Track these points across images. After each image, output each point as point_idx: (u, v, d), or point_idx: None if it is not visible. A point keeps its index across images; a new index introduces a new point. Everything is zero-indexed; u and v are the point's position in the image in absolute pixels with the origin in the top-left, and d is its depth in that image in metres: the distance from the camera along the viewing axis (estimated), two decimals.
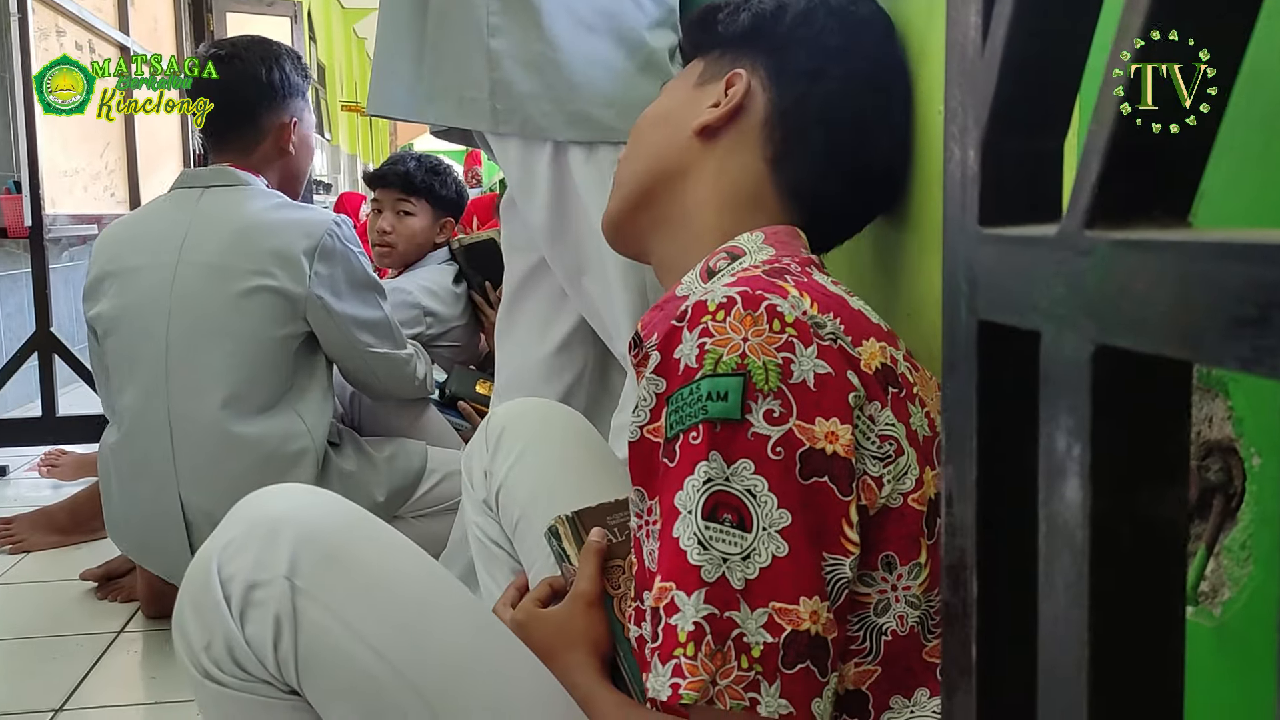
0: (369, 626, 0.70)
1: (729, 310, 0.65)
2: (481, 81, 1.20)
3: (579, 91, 1.18)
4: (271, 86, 1.83)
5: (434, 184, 2.57)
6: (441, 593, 0.76)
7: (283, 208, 1.80)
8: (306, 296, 1.70)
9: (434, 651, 0.72)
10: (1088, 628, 0.34)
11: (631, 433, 0.71)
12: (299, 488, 0.76)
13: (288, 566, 0.69)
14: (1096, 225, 0.33)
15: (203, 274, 1.70)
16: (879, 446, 0.65)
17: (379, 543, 0.75)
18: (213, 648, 0.69)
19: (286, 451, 1.71)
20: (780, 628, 0.59)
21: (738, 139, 0.87)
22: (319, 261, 1.72)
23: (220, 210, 1.76)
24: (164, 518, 1.71)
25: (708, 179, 0.88)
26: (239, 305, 1.68)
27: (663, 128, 0.92)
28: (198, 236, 1.73)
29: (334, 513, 0.74)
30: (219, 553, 0.71)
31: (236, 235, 1.72)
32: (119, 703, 1.60)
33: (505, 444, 1.03)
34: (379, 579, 0.73)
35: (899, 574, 0.66)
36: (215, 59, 1.84)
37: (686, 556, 0.61)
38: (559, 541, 0.93)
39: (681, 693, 0.58)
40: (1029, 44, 0.38)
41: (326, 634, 0.69)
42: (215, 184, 1.80)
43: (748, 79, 0.87)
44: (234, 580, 0.69)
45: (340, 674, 0.68)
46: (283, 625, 0.68)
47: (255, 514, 0.72)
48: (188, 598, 0.71)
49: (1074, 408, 0.34)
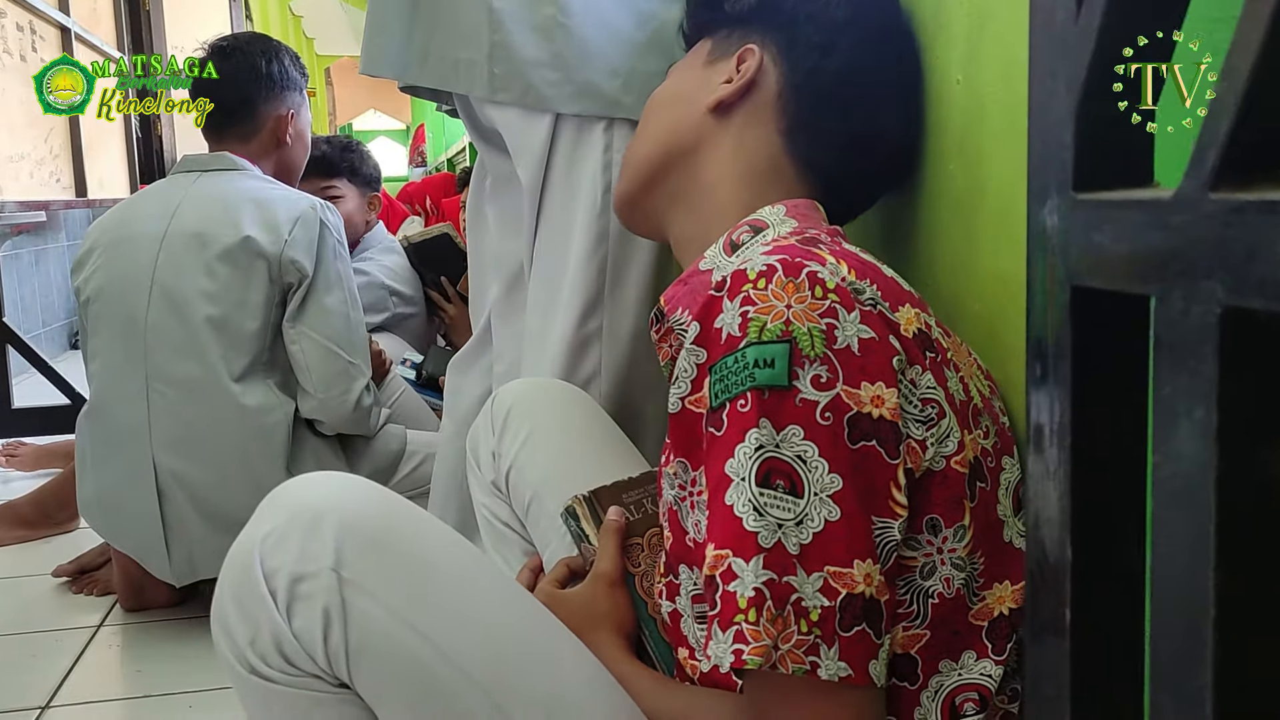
0: (418, 614, 0.69)
1: (770, 278, 0.65)
2: (480, 43, 1.13)
3: (590, 62, 1.12)
4: (270, 78, 1.87)
5: (352, 162, 2.54)
6: (483, 575, 0.76)
7: (275, 187, 1.82)
8: (281, 258, 1.69)
9: (483, 635, 0.71)
10: (1213, 587, 0.34)
11: (672, 404, 0.70)
12: (333, 475, 0.75)
13: (333, 558, 0.68)
14: (1221, 187, 0.33)
15: (186, 242, 1.72)
16: (921, 410, 0.65)
17: (419, 528, 0.74)
18: (258, 642, 0.67)
19: (263, 424, 1.71)
20: (835, 591, 0.60)
21: (752, 113, 0.87)
22: (299, 228, 1.72)
23: (212, 188, 1.79)
24: (136, 482, 1.70)
25: (725, 154, 0.87)
26: (216, 269, 1.69)
27: (676, 106, 0.92)
28: (186, 211, 1.75)
29: (373, 500, 0.73)
30: (259, 545, 0.69)
31: (222, 207, 1.74)
32: (106, 698, 1.57)
33: (513, 424, 1.02)
34: (423, 565, 0.72)
35: (944, 536, 0.66)
36: (216, 52, 1.88)
37: (743, 523, 0.61)
38: (577, 522, 0.92)
39: (746, 658, 0.59)
40: (1128, 10, 0.39)
41: (376, 624, 0.67)
42: (212, 168, 1.83)
43: (760, 54, 0.87)
44: (279, 573, 0.68)
45: (392, 663, 0.67)
46: (332, 618, 0.67)
47: (294, 504, 0.71)
48: (228, 591, 0.70)
49: (1197, 370, 0.34)
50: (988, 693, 0.68)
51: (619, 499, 0.92)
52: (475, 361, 1.50)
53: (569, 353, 1.13)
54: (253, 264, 1.70)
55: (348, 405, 1.78)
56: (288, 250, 1.70)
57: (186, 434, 1.70)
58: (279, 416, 1.72)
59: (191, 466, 1.70)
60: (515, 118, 1.15)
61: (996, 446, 0.71)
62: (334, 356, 1.76)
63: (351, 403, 1.78)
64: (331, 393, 1.76)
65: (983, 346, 0.79)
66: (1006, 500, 0.70)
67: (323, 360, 1.75)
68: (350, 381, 1.77)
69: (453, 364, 1.53)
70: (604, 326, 1.13)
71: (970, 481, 0.67)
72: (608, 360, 1.13)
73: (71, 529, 2.32)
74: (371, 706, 0.69)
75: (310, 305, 1.74)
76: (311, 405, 1.76)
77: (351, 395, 1.78)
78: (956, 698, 0.68)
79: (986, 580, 0.69)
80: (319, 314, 1.75)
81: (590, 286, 1.13)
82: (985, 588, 0.69)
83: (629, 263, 1.13)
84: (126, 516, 1.74)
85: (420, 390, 2.24)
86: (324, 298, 1.75)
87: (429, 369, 2.28)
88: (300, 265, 1.71)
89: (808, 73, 0.86)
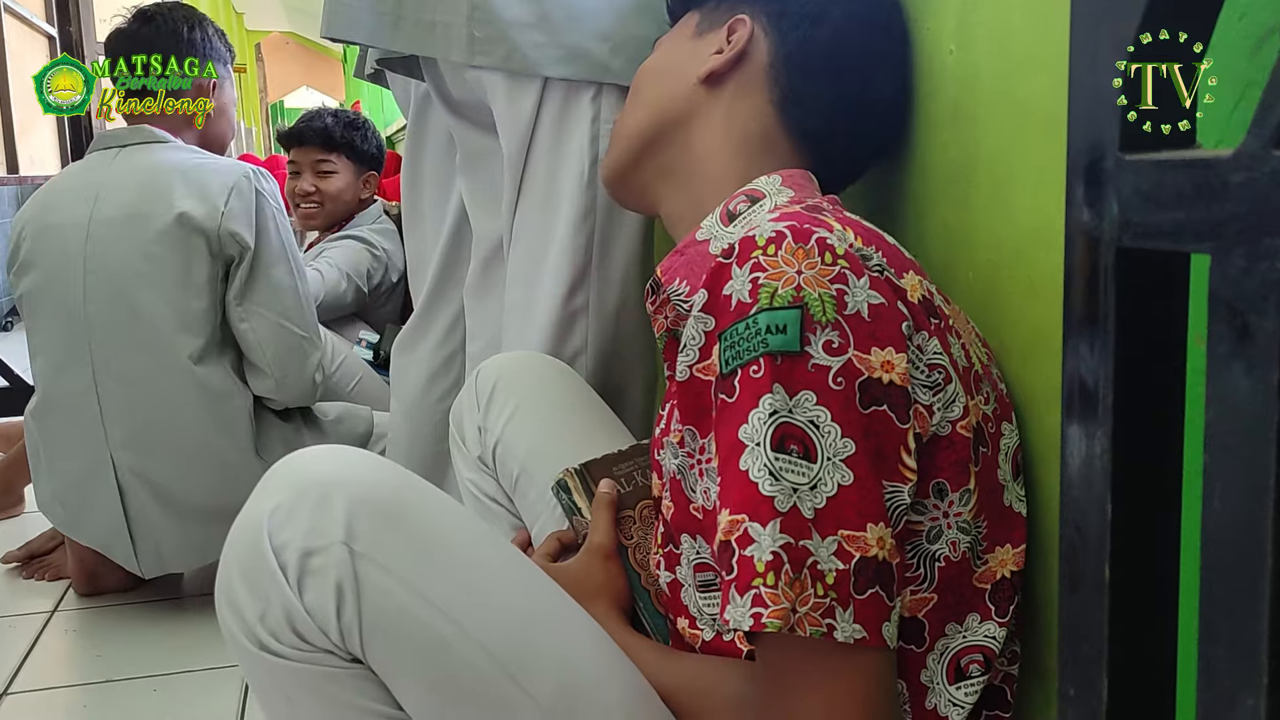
0: (432, 587, 0.68)
1: (779, 244, 0.65)
2: (458, 5, 1.08)
3: (577, 24, 1.07)
4: (193, 45, 1.79)
5: (354, 139, 2.49)
6: (494, 548, 0.75)
7: (202, 158, 1.74)
8: (219, 232, 1.62)
9: (498, 607, 0.70)
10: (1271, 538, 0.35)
11: (680, 372, 0.70)
12: (338, 449, 0.73)
13: (344, 531, 0.66)
14: None
15: (115, 227, 1.64)
16: (928, 375, 0.66)
17: (429, 500, 0.72)
18: (268, 618, 0.66)
19: (225, 411, 1.66)
20: (850, 554, 0.60)
21: (743, 84, 0.87)
22: (234, 198, 1.65)
23: (134, 165, 1.70)
24: (95, 481, 1.65)
25: (717, 125, 0.87)
26: (153, 252, 1.62)
27: (666, 77, 0.91)
28: (110, 192, 1.67)
29: (382, 473, 0.72)
30: (267, 519, 0.67)
31: (148, 183, 1.66)
32: (67, 683, 1.54)
33: (498, 399, 1.01)
34: (436, 538, 0.71)
35: (950, 501, 0.67)
36: (139, 16, 1.80)
37: (759, 488, 0.61)
38: (569, 495, 0.92)
39: (765, 621, 0.59)
40: None
41: (390, 598, 0.66)
42: (132, 142, 1.74)
43: (750, 24, 0.87)
44: (288, 548, 0.66)
45: (407, 637, 0.66)
46: (345, 592, 0.65)
47: (301, 478, 0.69)
48: (235, 567, 0.68)
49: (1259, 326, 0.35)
50: (992, 654, 0.69)
51: (610, 472, 0.92)
52: (419, 340, 1.46)
53: (555, 328, 1.11)
54: (190, 241, 1.62)
55: (305, 381, 1.73)
56: (225, 223, 1.63)
57: (144, 429, 1.64)
58: (240, 403, 1.68)
59: (152, 462, 1.65)
60: (500, 84, 1.11)
61: (996, 412, 0.71)
62: (287, 332, 1.70)
63: (309, 378, 1.73)
64: (288, 370, 1.70)
65: (977, 314, 0.80)
66: (1006, 465, 0.71)
67: (276, 337, 1.69)
68: (305, 357, 1.72)
69: (396, 344, 1.50)
70: (590, 302, 1.12)
71: (974, 446, 0.67)
72: (594, 336, 1.12)
73: (17, 514, 2.26)
74: (386, 681, 0.67)
75: (258, 281, 1.68)
76: (267, 385, 1.70)
77: (308, 371, 1.73)
78: (962, 659, 0.69)
79: (989, 544, 0.70)
80: (268, 290, 1.69)
81: (577, 260, 1.11)
82: (988, 551, 0.70)
83: (616, 236, 1.11)
84: (88, 514, 1.69)
85: (380, 370, 2.21)
86: (271, 271, 1.69)
87: (387, 349, 2.24)
88: (240, 238, 1.64)
89: (799, 42, 0.86)
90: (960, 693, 0.69)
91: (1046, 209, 0.72)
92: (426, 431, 1.42)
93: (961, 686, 0.69)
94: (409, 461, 1.39)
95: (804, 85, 0.86)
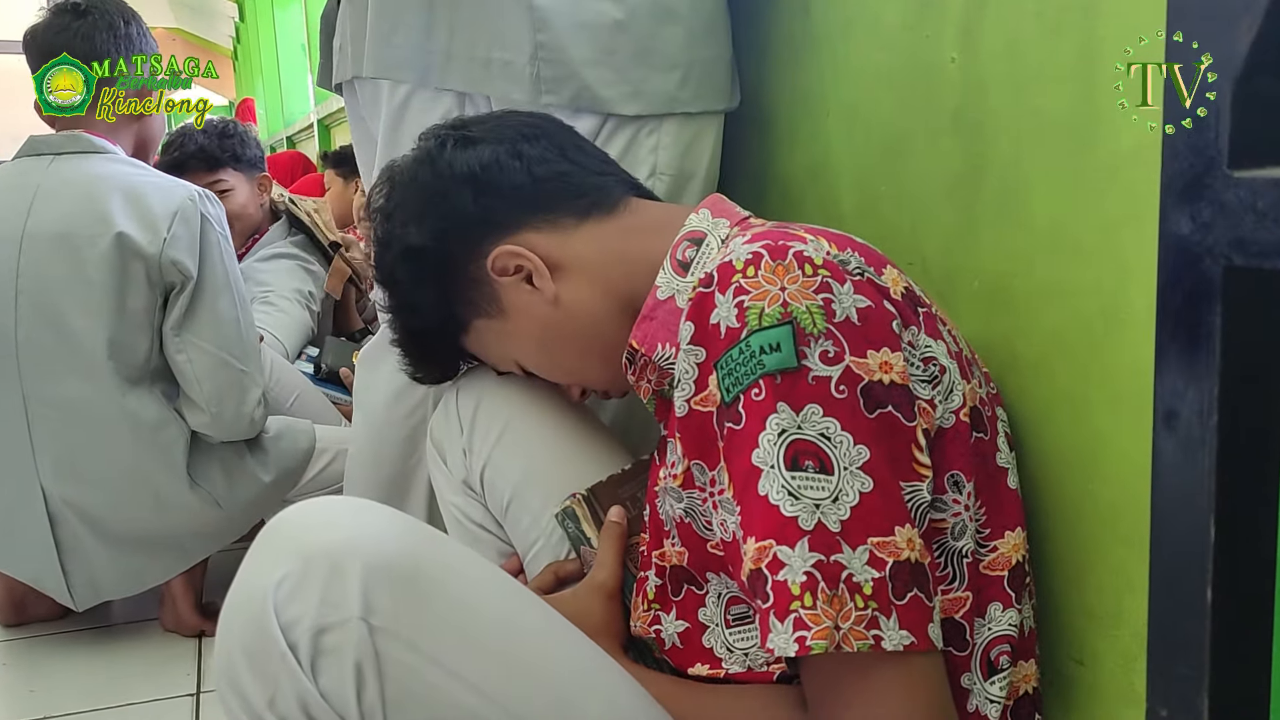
0: (460, 659, 0.63)
1: (758, 265, 0.64)
2: (521, 43, 1.02)
3: (648, 57, 1.03)
4: (129, 39, 1.69)
5: (233, 148, 2.34)
6: (527, 608, 0.71)
7: (144, 174, 1.64)
8: (160, 259, 1.53)
9: (537, 679, 0.66)
10: None
11: (679, 408, 0.69)
12: (344, 503, 0.67)
13: (360, 605, 0.61)
14: None
15: (50, 246, 1.54)
16: (924, 370, 0.66)
17: (449, 558, 0.68)
18: (278, 703, 0.60)
19: (158, 440, 1.57)
20: (883, 561, 0.60)
21: (553, 257, 0.85)
22: (178, 223, 1.55)
23: (70, 177, 1.59)
24: (25, 511, 1.56)
25: (589, 288, 0.85)
26: (90, 277, 1.52)
27: (537, 330, 0.87)
28: (44, 206, 1.56)
29: (396, 531, 0.66)
30: (273, 593, 0.61)
31: (85, 200, 1.56)
32: None
33: (483, 420, 0.97)
34: (460, 602, 0.66)
35: (967, 492, 0.67)
36: (72, 9, 1.68)
37: (780, 510, 0.60)
38: (577, 524, 0.88)
39: (810, 644, 0.57)
40: None
41: (416, 675, 0.62)
42: (68, 150, 1.63)
43: (492, 250, 0.85)
44: (298, 625, 0.61)
45: (437, 717, 0.62)
46: (365, 672, 0.61)
47: (307, 544, 0.63)
48: (238, 646, 0.62)
49: None
50: (1015, 641, 0.69)
51: (616, 495, 0.89)
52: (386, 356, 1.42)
53: None
54: (128, 266, 1.52)
55: (244, 419, 1.62)
56: (168, 250, 1.53)
57: (75, 457, 1.55)
58: (174, 431, 1.58)
59: (84, 491, 1.56)
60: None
61: (991, 395, 0.72)
62: (226, 367, 1.59)
63: (248, 415, 1.63)
64: (225, 406, 1.60)
65: (983, 320, 0.80)
66: (1005, 447, 0.72)
67: (214, 372, 1.59)
68: (244, 393, 1.62)
69: (361, 359, 1.45)
70: None
71: (971, 431, 0.68)
72: None
73: None
74: None
75: (199, 312, 1.58)
76: (202, 420, 1.60)
77: (247, 407, 1.62)
78: (991, 652, 0.69)
79: (995, 529, 0.70)
80: (210, 322, 1.59)
81: None
82: (996, 537, 0.70)
83: None
84: (17, 545, 1.59)
85: (320, 384, 2.14)
86: (215, 302, 1.59)
87: (329, 362, 2.18)
88: (183, 266, 1.54)
89: (504, 201, 0.86)
90: (994, 688, 0.69)
91: (1063, 216, 0.72)
92: (391, 449, 1.37)
93: (995, 681, 0.69)
94: (375, 478, 1.34)
95: (552, 209, 0.86)
